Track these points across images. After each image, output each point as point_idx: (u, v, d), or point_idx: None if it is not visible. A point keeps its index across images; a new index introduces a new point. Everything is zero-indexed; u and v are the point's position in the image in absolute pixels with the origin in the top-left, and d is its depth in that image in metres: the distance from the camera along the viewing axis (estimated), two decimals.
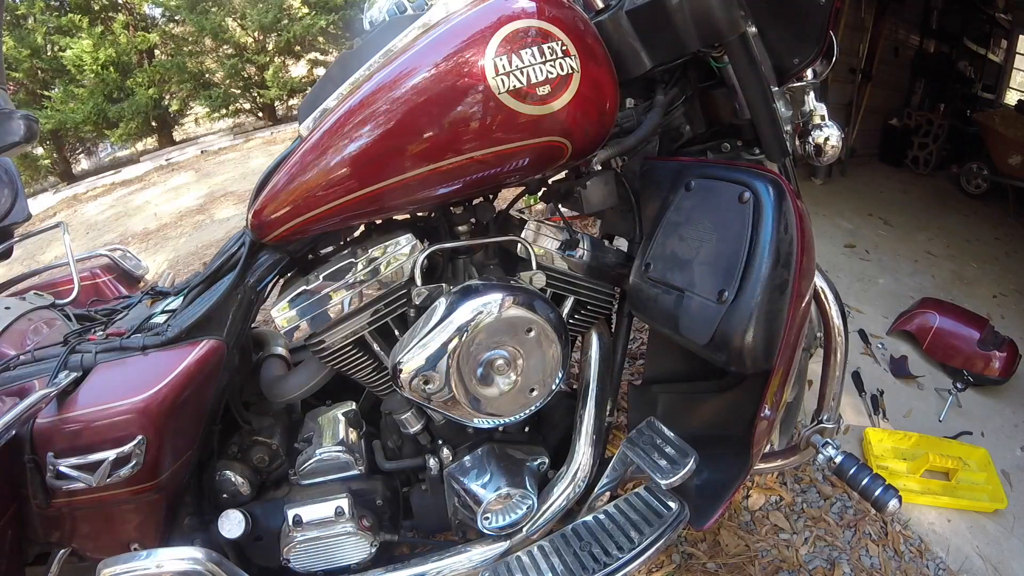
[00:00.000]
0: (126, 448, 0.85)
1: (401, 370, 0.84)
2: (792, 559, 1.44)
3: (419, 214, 1.04)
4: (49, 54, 7.53)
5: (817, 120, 1.01)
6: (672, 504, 0.97)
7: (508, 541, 1.00)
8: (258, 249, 0.96)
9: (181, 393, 0.89)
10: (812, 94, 1.02)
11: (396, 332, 0.98)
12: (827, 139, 0.99)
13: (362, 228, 1.02)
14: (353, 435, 1.06)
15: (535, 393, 0.90)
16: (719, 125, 1.01)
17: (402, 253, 0.92)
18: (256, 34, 8.18)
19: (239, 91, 8.33)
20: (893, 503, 0.92)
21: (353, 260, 0.92)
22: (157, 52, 8.29)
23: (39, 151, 7.66)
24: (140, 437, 0.86)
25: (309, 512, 0.96)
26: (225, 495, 1.03)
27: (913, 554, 1.48)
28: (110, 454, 0.85)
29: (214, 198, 5.07)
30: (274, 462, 1.07)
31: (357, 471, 1.02)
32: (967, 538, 1.54)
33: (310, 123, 0.86)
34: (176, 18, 8.22)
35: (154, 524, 0.95)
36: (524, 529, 1.00)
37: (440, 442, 1.04)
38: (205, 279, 0.98)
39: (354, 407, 1.09)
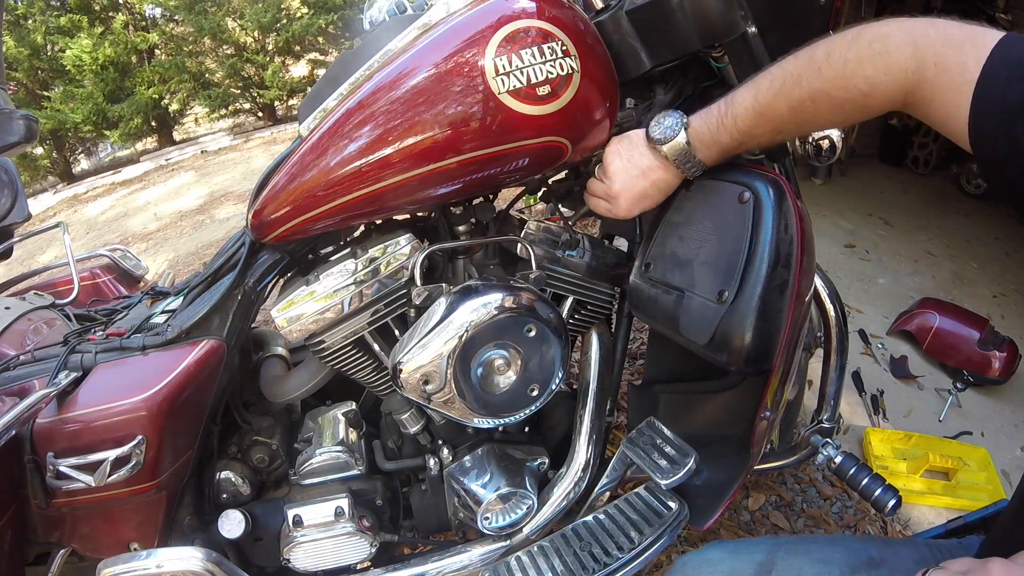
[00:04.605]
0: (126, 448, 0.85)
1: (401, 370, 0.84)
2: None
3: (419, 214, 1.04)
4: (49, 54, 7.53)
5: None
6: (672, 504, 0.97)
7: (508, 541, 1.00)
8: (258, 249, 0.96)
9: (181, 393, 0.89)
10: None
11: (396, 332, 0.98)
12: (827, 139, 0.99)
13: (362, 228, 1.02)
14: (353, 435, 1.06)
15: (535, 393, 0.91)
16: None
17: (402, 253, 0.92)
18: (256, 34, 8.18)
19: (239, 91, 8.32)
20: (893, 503, 0.92)
21: (353, 260, 0.92)
22: (157, 52, 8.29)
23: (39, 151, 7.65)
24: (140, 437, 0.86)
25: (309, 512, 0.96)
26: (225, 495, 1.03)
27: None
28: (110, 454, 0.85)
29: (214, 198, 5.07)
30: (274, 462, 1.07)
31: (357, 471, 1.02)
32: None
33: (310, 123, 0.86)
34: (176, 18, 8.22)
35: (154, 524, 0.95)
36: (524, 529, 1.00)
37: (440, 442, 1.04)
38: (205, 279, 0.98)
39: (354, 407, 1.09)
